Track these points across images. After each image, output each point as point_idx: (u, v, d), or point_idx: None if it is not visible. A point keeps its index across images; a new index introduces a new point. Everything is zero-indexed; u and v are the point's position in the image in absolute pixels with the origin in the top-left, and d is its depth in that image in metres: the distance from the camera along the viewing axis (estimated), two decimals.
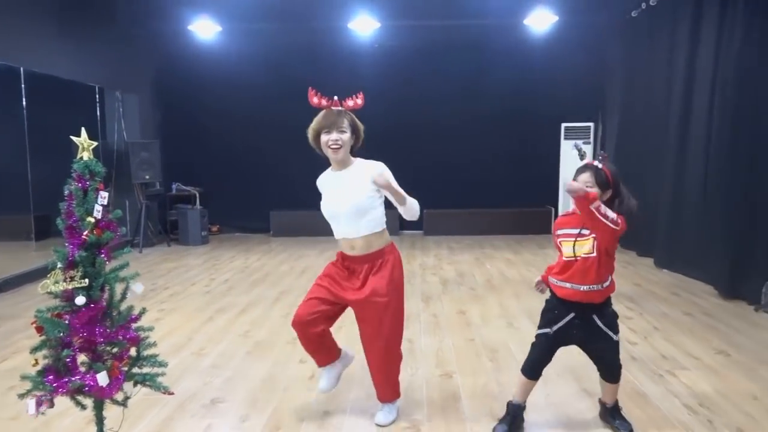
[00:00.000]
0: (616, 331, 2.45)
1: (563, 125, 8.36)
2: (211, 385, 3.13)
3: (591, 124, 8.33)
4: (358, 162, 2.64)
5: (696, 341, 3.72)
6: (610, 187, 2.36)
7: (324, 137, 2.53)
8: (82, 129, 2.25)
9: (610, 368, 2.50)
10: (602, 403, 2.63)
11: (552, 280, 2.49)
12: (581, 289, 2.37)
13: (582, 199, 2.21)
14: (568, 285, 2.40)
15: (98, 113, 7.38)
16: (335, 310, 2.65)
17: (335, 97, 2.57)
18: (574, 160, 8.31)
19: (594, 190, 2.29)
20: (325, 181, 2.68)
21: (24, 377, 2.08)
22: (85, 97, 7.23)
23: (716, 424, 2.59)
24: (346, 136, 2.53)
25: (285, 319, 4.34)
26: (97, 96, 7.34)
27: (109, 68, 7.39)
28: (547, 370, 2.61)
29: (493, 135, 8.50)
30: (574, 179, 2.37)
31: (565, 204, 8.46)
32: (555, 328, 2.45)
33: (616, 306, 2.56)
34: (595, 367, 2.56)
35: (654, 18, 6.46)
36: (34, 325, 2.09)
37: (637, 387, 3.01)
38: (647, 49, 6.63)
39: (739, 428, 2.55)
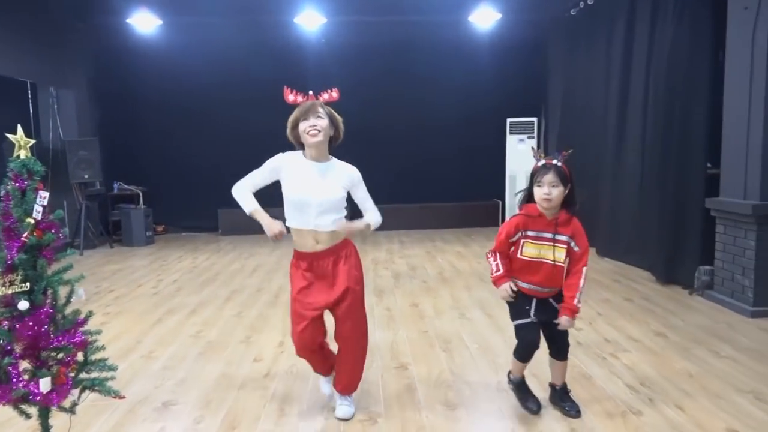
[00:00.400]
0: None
1: (508, 120, 8.58)
2: (162, 387, 3.05)
3: (534, 119, 8.58)
4: (335, 160, 2.63)
5: (636, 325, 3.91)
6: (569, 182, 2.46)
7: (302, 125, 2.49)
8: (18, 126, 2.14)
9: (561, 346, 2.62)
10: (552, 386, 2.73)
11: (522, 284, 2.57)
12: (545, 290, 2.53)
13: (574, 315, 2.49)
14: (535, 287, 2.54)
15: (31, 110, 7.00)
16: (322, 319, 2.63)
17: (310, 92, 2.55)
18: (519, 154, 8.58)
19: (558, 190, 2.42)
20: (295, 165, 2.56)
21: None
22: (16, 93, 6.86)
23: (656, 402, 2.73)
24: (325, 122, 2.50)
25: (237, 318, 4.28)
26: (30, 92, 6.97)
27: (42, 63, 7.05)
28: (498, 359, 2.70)
29: (440, 130, 8.62)
30: (538, 181, 2.44)
31: (512, 196, 8.69)
32: (532, 314, 2.55)
33: None
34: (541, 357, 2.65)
35: (592, 16, 6.70)
36: None
37: (583, 370, 3.14)
38: (586, 46, 6.88)
39: (677, 405, 2.70)
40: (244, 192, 2.62)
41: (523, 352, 2.61)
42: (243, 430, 2.58)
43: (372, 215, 2.64)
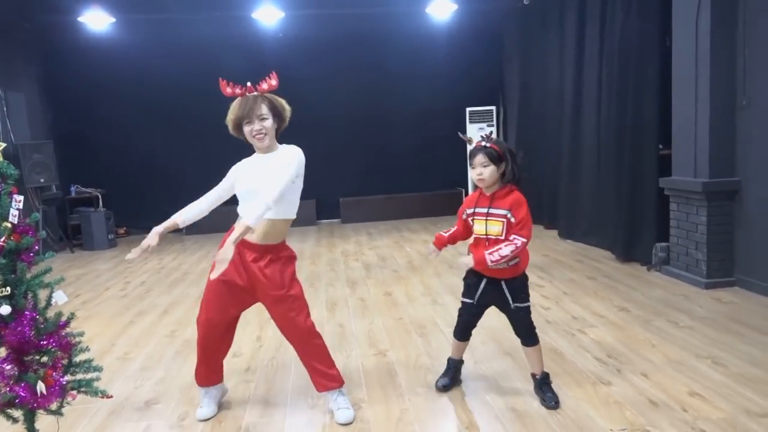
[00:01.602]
0: (519, 299, 2.60)
1: (468, 109, 8.71)
2: (142, 387, 3.05)
3: (493, 108, 8.75)
4: (282, 147, 2.60)
5: (600, 301, 4.10)
6: (503, 160, 2.52)
7: (246, 128, 2.48)
8: None
9: (521, 332, 2.67)
10: (532, 376, 2.75)
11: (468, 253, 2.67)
12: (489, 265, 2.51)
13: (480, 265, 2.53)
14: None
15: None
16: (242, 306, 2.62)
17: (248, 84, 2.50)
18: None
19: (489, 169, 2.50)
20: (245, 166, 2.59)
21: None
22: None
23: (624, 372, 2.90)
24: (269, 122, 2.49)
25: None
26: None
27: None
28: (472, 340, 2.81)
29: (402, 121, 8.71)
30: (471, 164, 2.55)
31: (474, 186, 8.86)
32: (476, 296, 2.66)
33: (530, 276, 2.77)
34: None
35: (544, 6, 6.89)
36: None
37: (554, 346, 3.29)
38: (540, 34, 7.07)
39: (643, 373, 2.87)
40: (189, 205, 2.65)
41: (460, 330, 2.78)
42: (229, 425, 2.61)
43: (250, 208, 2.33)
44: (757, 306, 3.81)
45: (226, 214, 2.77)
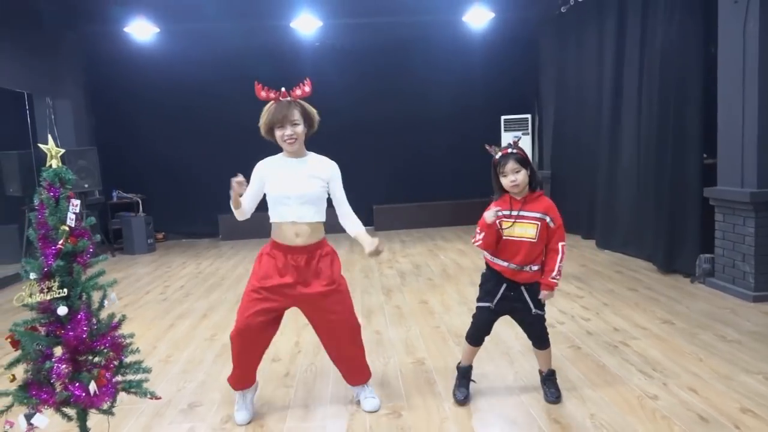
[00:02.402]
0: (539, 306, 2.65)
1: (503, 117, 8.67)
2: (185, 390, 3.10)
3: (528, 116, 8.68)
4: (312, 155, 2.69)
5: (642, 313, 4.00)
6: (529, 164, 2.58)
7: (278, 132, 2.55)
8: (49, 137, 2.20)
9: (536, 337, 2.73)
10: (540, 372, 2.83)
11: (488, 256, 2.69)
12: (511, 266, 2.59)
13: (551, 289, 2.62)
14: (503, 263, 2.62)
15: (29, 121, 7.00)
16: (280, 315, 2.68)
17: (282, 89, 2.56)
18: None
19: (521, 174, 2.54)
20: (274, 166, 2.63)
21: (2, 394, 2.02)
22: (13, 104, 6.86)
23: (670, 386, 2.82)
24: (300, 128, 2.55)
25: None
26: (27, 103, 6.97)
27: (38, 74, 7.04)
28: (511, 350, 2.78)
29: (436, 129, 8.70)
30: (502, 172, 2.56)
31: None
32: (495, 301, 2.66)
33: (568, 287, 2.75)
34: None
35: (581, 13, 6.82)
36: (9, 339, 2.04)
37: (596, 359, 3.23)
38: (577, 42, 7.00)
39: (690, 387, 2.79)
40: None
41: (476, 335, 2.75)
42: (270, 428, 2.63)
43: (359, 226, 2.71)
44: None
45: (261, 219, 2.80)
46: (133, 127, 8.24)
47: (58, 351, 2.04)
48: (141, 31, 7.12)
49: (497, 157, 2.60)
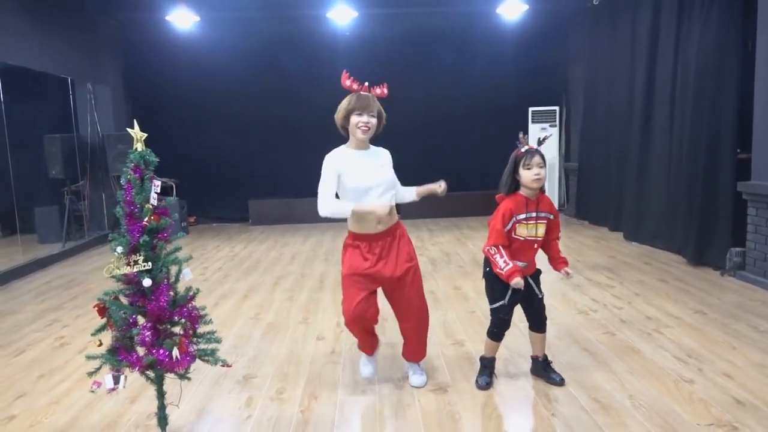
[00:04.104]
0: (541, 290, 2.83)
1: (530, 109, 8.74)
2: (238, 363, 3.27)
3: (556, 108, 8.74)
4: (375, 148, 2.86)
5: (673, 303, 4.10)
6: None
7: (355, 118, 2.69)
8: (134, 122, 2.36)
9: (541, 319, 2.86)
10: (534, 358, 2.95)
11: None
12: (521, 265, 2.71)
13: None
14: (523, 264, 2.72)
15: (71, 105, 7.23)
16: (376, 296, 2.81)
17: (366, 83, 2.73)
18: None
19: (545, 170, 2.64)
20: (347, 158, 2.74)
21: (91, 357, 2.21)
22: (57, 89, 7.09)
23: (705, 371, 2.93)
24: (375, 120, 2.72)
25: (289, 302, 4.50)
26: (70, 88, 7.20)
27: (79, 59, 7.26)
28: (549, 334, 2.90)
29: (464, 119, 8.78)
30: (527, 164, 2.60)
31: None
32: (507, 297, 2.75)
33: (598, 276, 2.86)
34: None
35: (614, 6, 6.84)
36: (97, 308, 2.22)
37: (631, 344, 3.34)
38: (609, 35, 7.02)
39: (725, 373, 2.90)
40: (332, 204, 2.72)
41: (498, 332, 2.83)
42: (324, 399, 2.80)
43: (412, 189, 2.96)
44: None
45: (290, 205, 2.95)
46: (169, 113, 8.44)
47: (141, 320, 2.22)
48: (182, 19, 7.28)
49: (522, 150, 2.65)
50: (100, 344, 2.21)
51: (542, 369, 2.91)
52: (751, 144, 4.50)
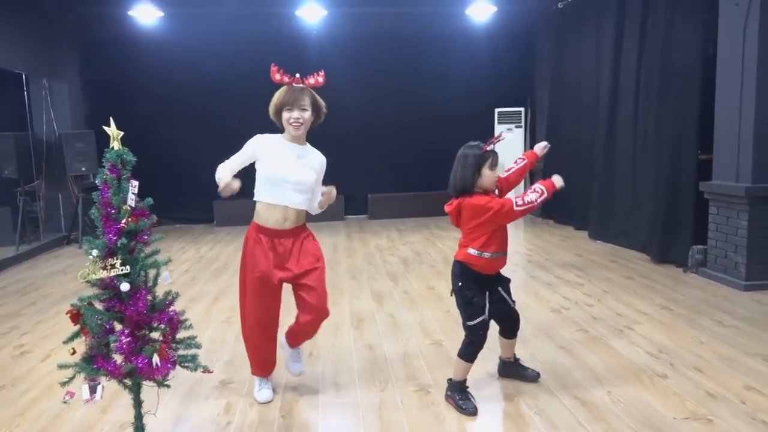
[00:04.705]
0: (511, 298, 2.77)
1: (497, 110, 8.86)
2: (213, 368, 3.18)
3: (521, 109, 8.88)
4: (309, 146, 2.77)
5: (641, 300, 4.21)
6: None
7: (286, 114, 2.62)
8: (111, 119, 2.27)
9: (513, 328, 2.82)
10: (504, 360, 2.93)
11: (482, 254, 2.59)
12: (502, 256, 2.64)
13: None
14: (499, 254, 2.62)
15: (26, 102, 6.93)
16: (277, 293, 2.75)
17: (297, 75, 2.64)
18: (506, 143, 8.87)
19: None
20: (272, 144, 2.68)
21: (63, 366, 2.10)
22: (11, 85, 6.78)
23: (677, 366, 3.02)
24: (307, 114, 2.63)
25: None
26: (24, 84, 6.89)
27: (35, 55, 6.95)
28: (522, 333, 2.93)
29: (431, 120, 8.80)
30: (493, 165, 2.58)
31: None
32: (486, 312, 2.62)
33: (568, 275, 2.89)
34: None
35: (579, 10, 6.99)
36: (69, 314, 2.12)
37: (605, 341, 3.41)
38: (575, 37, 7.17)
39: (696, 368, 2.99)
40: (222, 169, 2.70)
41: (476, 350, 2.64)
42: (306, 403, 2.75)
43: (306, 201, 2.74)
44: None
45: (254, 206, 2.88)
46: (131, 111, 8.14)
47: (117, 326, 2.13)
48: (145, 14, 7.06)
49: (488, 148, 2.55)
50: (74, 352, 2.11)
51: (515, 368, 2.90)
52: (713, 145, 4.66)
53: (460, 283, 2.66)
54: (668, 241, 5.20)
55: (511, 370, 2.93)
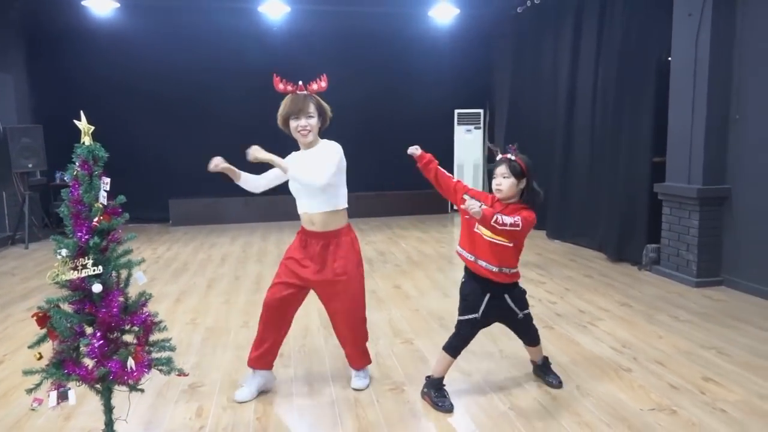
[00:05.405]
0: (523, 308, 2.71)
1: (456, 111, 8.99)
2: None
3: (481, 111, 9.04)
4: (322, 143, 2.77)
5: (601, 297, 4.35)
6: (524, 176, 2.57)
7: (293, 123, 2.66)
8: (81, 113, 2.17)
9: (528, 336, 2.84)
10: (533, 362, 2.98)
11: (464, 254, 2.65)
12: (493, 269, 2.56)
13: (483, 219, 2.36)
14: (482, 263, 2.58)
15: None
16: (301, 293, 2.78)
17: (300, 82, 2.67)
18: (466, 144, 9.01)
19: (509, 181, 2.56)
20: (293, 159, 2.75)
21: (29, 372, 2.00)
22: None
23: (640, 359, 3.14)
24: (314, 120, 2.67)
25: (227, 305, 4.33)
26: None
27: None
28: (492, 329, 2.98)
29: (393, 119, 8.84)
30: (493, 173, 2.62)
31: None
32: (480, 311, 2.62)
33: (530, 273, 2.97)
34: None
35: (538, 15, 7.16)
36: (36, 317, 2.02)
37: (570, 337, 3.52)
38: (533, 41, 7.34)
39: (657, 361, 3.12)
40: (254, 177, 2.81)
41: (459, 346, 2.67)
42: (281, 404, 2.71)
43: (304, 169, 2.58)
44: (744, 303, 4.14)
45: (215, 204, 2.89)
46: (81, 105, 7.70)
47: (88, 329, 2.04)
48: (99, 5, 6.77)
49: (497, 158, 2.67)
50: (40, 357, 2.01)
51: (540, 371, 2.91)
52: (666, 149, 4.86)
53: (463, 279, 2.74)
54: (624, 241, 5.40)
55: (536, 371, 2.94)
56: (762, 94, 4.15)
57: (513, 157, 2.63)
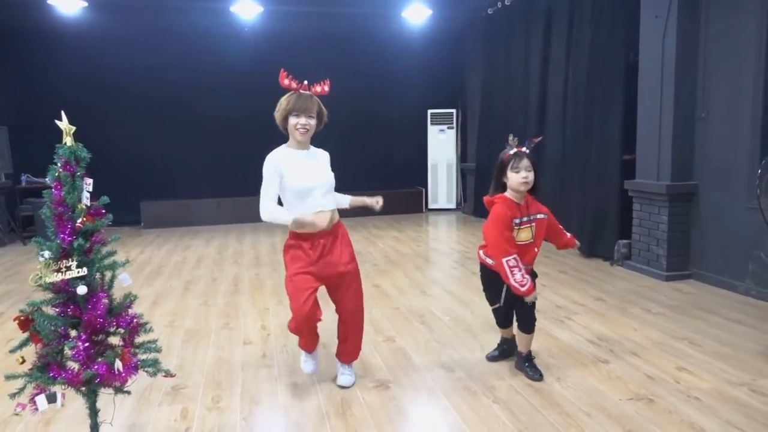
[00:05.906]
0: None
1: (429, 111, 9.07)
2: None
3: (453, 111, 9.13)
4: (312, 148, 2.84)
5: (576, 292, 4.46)
6: (536, 169, 2.77)
7: (293, 120, 2.67)
8: (62, 113, 2.14)
9: (526, 321, 2.91)
10: (518, 354, 3.04)
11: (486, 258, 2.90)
12: (526, 268, 2.77)
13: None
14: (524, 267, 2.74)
15: None
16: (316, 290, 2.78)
17: (305, 82, 2.69)
18: (440, 144, 9.09)
19: (533, 174, 2.77)
20: (287, 159, 2.70)
21: (12, 377, 1.96)
22: None
23: (617, 352, 3.23)
24: (313, 121, 2.71)
25: (205, 307, 4.29)
26: None
27: None
28: (472, 327, 3.04)
29: (366, 120, 8.89)
30: (515, 167, 2.73)
31: (434, 184, 9.17)
32: (502, 299, 2.88)
33: None
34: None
35: (508, 16, 7.28)
36: (18, 321, 1.98)
37: (548, 331, 3.59)
38: (504, 43, 7.46)
39: (633, 352, 3.21)
40: (274, 211, 2.69)
41: (501, 323, 3.09)
42: (266, 404, 2.71)
43: (345, 197, 3.00)
44: (712, 295, 4.30)
45: (187, 206, 2.86)
46: (48, 105, 7.59)
47: (72, 331, 2.01)
48: (66, 3, 6.61)
49: (511, 153, 2.75)
50: (23, 361, 1.97)
51: (523, 363, 2.95)
52: (636, 146, 5.00)
53: (481, 273, 2.99)
54: (596, 237, 5.53)
55: (518, 364, 2.99)
56: (726, 92, 4.31)
57: (527, 151, 2.78)
